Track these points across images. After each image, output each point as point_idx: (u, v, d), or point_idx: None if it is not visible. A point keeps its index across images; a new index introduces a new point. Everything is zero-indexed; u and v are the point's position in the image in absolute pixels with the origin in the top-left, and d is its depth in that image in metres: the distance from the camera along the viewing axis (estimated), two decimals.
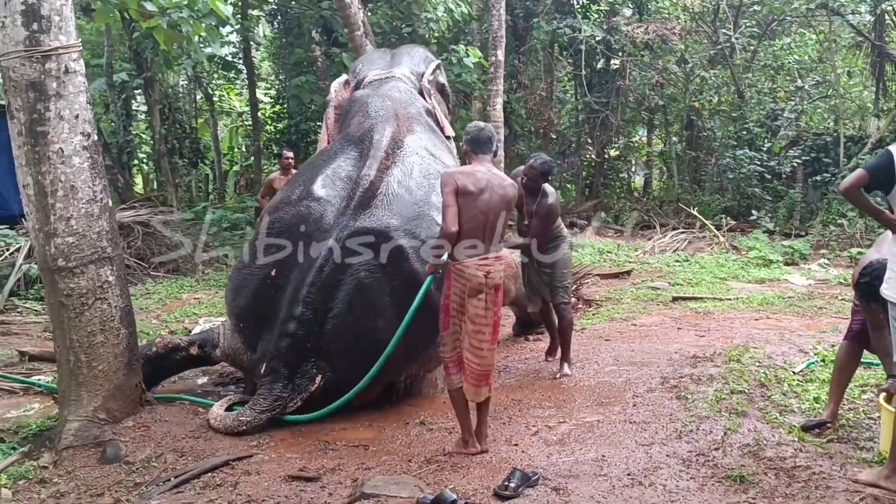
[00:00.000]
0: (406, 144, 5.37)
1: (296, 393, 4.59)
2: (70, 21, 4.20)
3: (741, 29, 14.79)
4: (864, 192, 3.42)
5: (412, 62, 6.46)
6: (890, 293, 3.40)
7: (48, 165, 4.18)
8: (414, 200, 4.98)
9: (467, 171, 3.96)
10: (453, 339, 4.02)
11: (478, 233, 3.91)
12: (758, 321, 6.91)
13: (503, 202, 3.94)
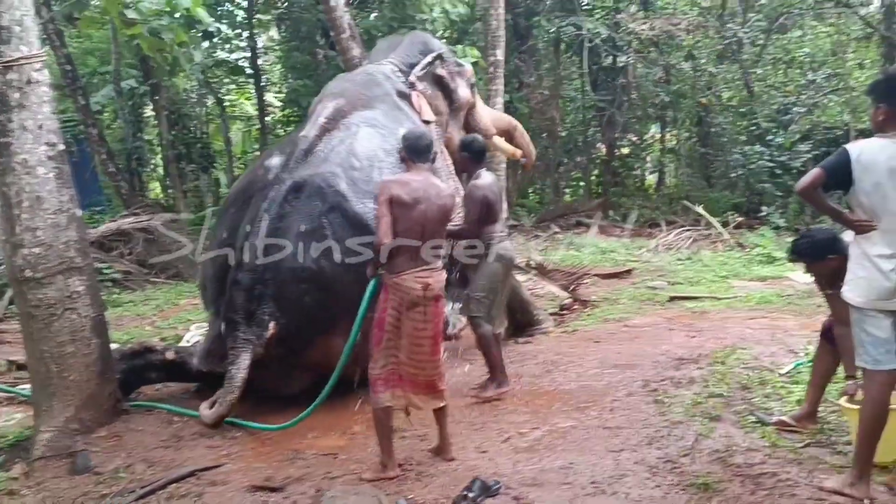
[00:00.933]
0: (355, 114, 5.52)
1: (256, 338, 4.60)
2: (32, 31, 4.20)
3: (749, 23, 14.60)
4: (823, 191, 3.32)
5: (405, 52, 6.51)
6: (851, 294, 3.31)
7: (12, 176, 4.19)
8: (355, 155, 5.16)
9: (403, 181, 3.87)
10: (385, 356, 3.85)
11: (414, 245, 3.81)
12: (753, 321, 6.78)
13: (441, 212, 3.85)
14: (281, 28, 16.32)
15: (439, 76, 6.48)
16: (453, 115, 6.70)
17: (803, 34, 15.42)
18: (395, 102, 5.96)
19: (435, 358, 3.91)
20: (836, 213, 3.37)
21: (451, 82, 6.60)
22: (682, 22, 14.43)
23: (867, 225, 3.23)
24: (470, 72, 7.02)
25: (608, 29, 13.92)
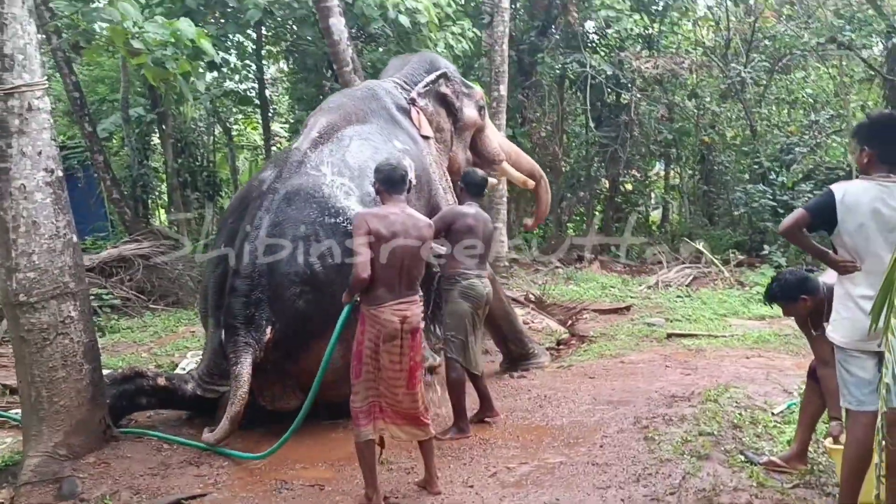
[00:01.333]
0: (348, 128, 5.72)
1: (256, 342, 4.72)
2: (34, 59, 4.27)
3: (753, 63, 14.73)
4: (808, 231, 3.34)
5: (411, 70, 6.76)
6: (835, 335, 3.31)
7: (10, 201, 4.24)
8: (346, 165, 5.37)
9: (381, 214, 3.90)
10: (366, 388, 3.85)
11: (392, 277, 3.82)
12: (749, 359, 6.76)
13: (418, 242, 3.88)
14: (289, 60, 16.51)
15: (443, 94, 6.63)
16: (458, 133, 6.85)
17: (806, 75, 15.55)
18: (392, 116, 6.15)
19: (413, 391, 3.89)
20: (821, 254, 3.38)
21: (456, 101, 6.75)
22: (685, 61, 14.55)
23: (851, 266, 3.25)
24: (479, 94, 7.17)
25: (612, 66, 14.04)
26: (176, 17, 7.95)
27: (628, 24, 13.02)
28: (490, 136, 7.22)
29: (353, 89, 6.71)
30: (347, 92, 6.59)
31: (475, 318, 5.11)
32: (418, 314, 3.90)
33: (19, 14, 4.17)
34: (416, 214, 4.03)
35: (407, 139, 6.07)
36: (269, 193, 5.09)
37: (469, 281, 5.07)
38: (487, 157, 7.13)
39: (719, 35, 16.15)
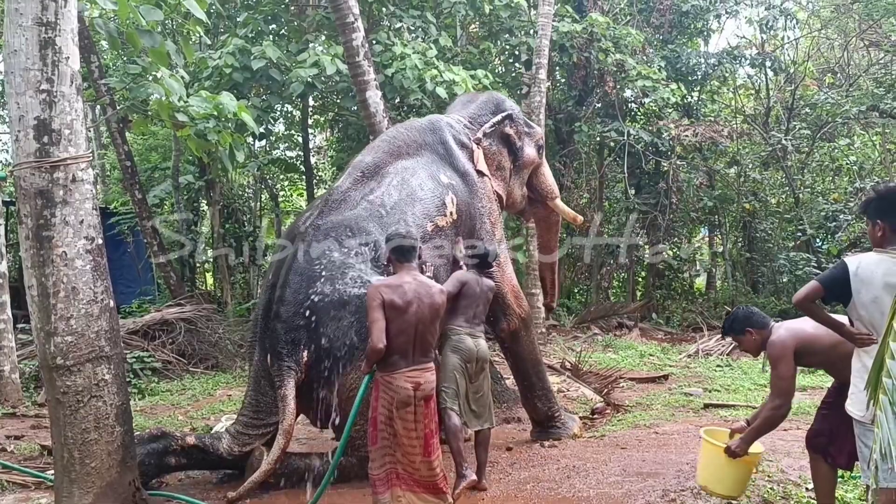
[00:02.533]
0: (394, 164, 6.05)
1: (297, 366, 5.00)
2: (80, 134, 4.51)
3: (794, 131, 14.71)
4: (824, 303, 3.33)
5: (477, 109, 7.09)
6: (853, 409, 3.25)
7: (52, 268, 4.42)
8: (382, 203, 5.68)
9: (394, 284, 3.96)
10: (382, 455, 3.88)
11: (407, 345, 3.87)
12: (786, 431, 6.58)
13: (432, 311, 3.93)
14: (333, 129, 17.00)
15: (507, 134, 6.98)
16: (516, 171, 7.19)
17: (850, 142, 15.45)
18: (448, 150, 6.45)
19: (429, 458, 3.90)
20: (837, 326, 3.36)
21: (518, 141, 7.09)
22: (725, 129, 14.59)
23: (867, 338, 3.21)
24: (539, 134, 7.52)
25: (650, 134, 14.14)
26: (223, 90, 8.33)
27: (665, 93, 13.14)
28: (546, 174, 7.55)
29: (416, 120, 7.10)
30: (408, 123, 6.96)
31: (466, 371, 5.38)
32: (432, 381, 3.93)
33: (67, 92, 4.41)
34: (428, 282, 4.10)
35: (454, 174, 6.31)
36: (310, 229, 5.47)
37: (458, 336, 5.41)
38: (543, 193, 7.47)
39: (760, 103, 16.22)
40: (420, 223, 5.69)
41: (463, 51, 12.85)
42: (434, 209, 5.92)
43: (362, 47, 8.73)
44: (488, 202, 6.61)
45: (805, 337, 3.98)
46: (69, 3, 4.42)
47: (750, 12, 16.02)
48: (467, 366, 5.38)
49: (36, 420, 7.55)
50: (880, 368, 2.18)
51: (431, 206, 5.91)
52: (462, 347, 5.38)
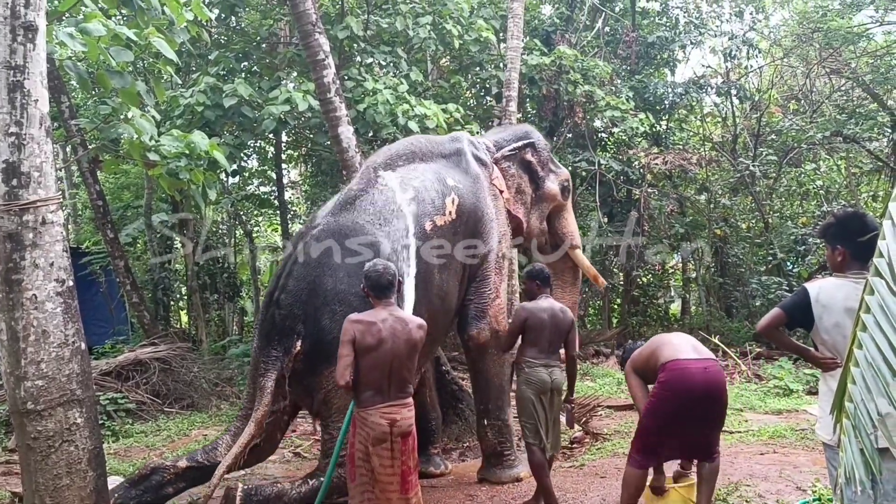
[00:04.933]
0: (403, 168, 6.15)
1: (285, 355, 5.10)
2: (49, 176, 4.49)
3: (761, 157, 14.98)
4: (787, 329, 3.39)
5: (503, 135, 7.35)
6: (823, 433, 3.30)
7: (21, 311, 4.37)
8: (386, 206, 5.73)
9: (368, 320, 3.96)
10: (361, 492, 3.85)
11: (381, 381, 3.86)
12: (763, 455, 6.64)
13: (409, 346, 3.92)
14: (307, 164, 17.03)
15: (527, 161, 7.11)
16: (536, 201, 7.24)
17: (816, 167, 15.74)
18: (465, 160, 6.53)
19: (406, 495, 3.86)
20: (801, 351, 3.42)
21: (540, 170, 7.20)
22: (694, 156, 14.81)
23: (832, 363, 3.27)
24: (565, 176, 7.56)
25: (621, 163, 14.32)
26: (194, 128, 8.33)
27: (634, 123, 13.34)
28: (569, 219, 7.58)
29: (430, 136, 7.47)
30: (421, 137, 7.26)
31: (542, 402, 5.46)
32: (409, 418, 3.90)
33: (37, 135, 4.41)
34: (406, 317, 4.09)
35: (463, 178, 6.36)
36: (320, 226, 5.65)
37: (532, 369, 5.48)
38: (563, 236, 7.50)
39: (727, 130, 16.51)
40: (419, 222, 5.75)
41: (434, 85, 12.97)
42: (433, 209, 5.95)
43: (334, 83, 8.80)
44: (497, 211, 6.60)
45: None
46: (38, 46, 4.43)
47: (714, 42, 16.36)
48: (542, 398, 5.46)
49: (6, 466, 7.40)
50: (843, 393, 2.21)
51: (430, 205, 5.95)
52: (534, 380, 5.46)
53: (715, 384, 4.42)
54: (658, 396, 4.56)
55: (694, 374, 4.42)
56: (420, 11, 11.60)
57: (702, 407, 4.38)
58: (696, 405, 4.38)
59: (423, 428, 6.39)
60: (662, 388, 4.52)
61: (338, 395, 4.99)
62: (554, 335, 5.55)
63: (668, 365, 4.53)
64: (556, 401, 5.58)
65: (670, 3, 16.10)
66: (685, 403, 4.41)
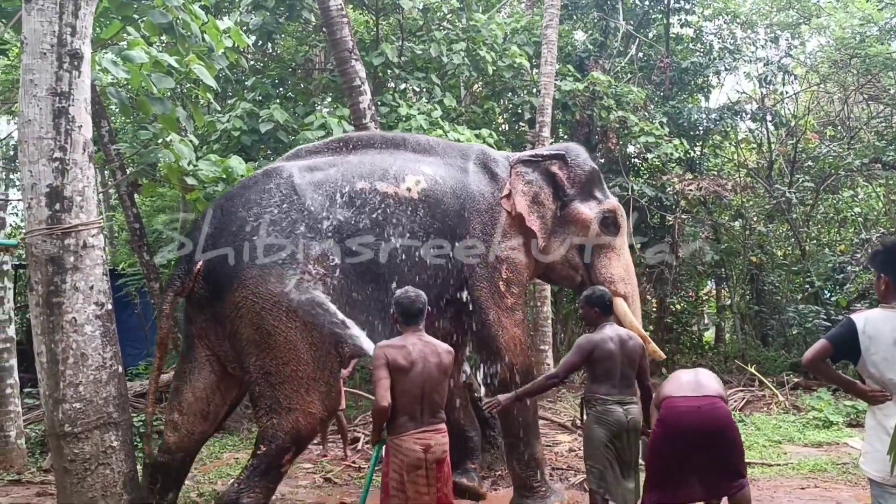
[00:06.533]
0: (392, 150, 5.94)
1: (186, 275, 5.23)
2: (91, 200, 4.57)
3: (797, 183, 14.80)
4: (832, 361, 3.30)
5: (538, 149, 7.23)
6: (869, 468, 3.20)
7: (61, 334, 4.44)
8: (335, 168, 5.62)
9: (398, 345, 3.95)
10: None
11: (414, 406, 3.83)
12: (804, 490, 6.49)
13: (440, 371, 3.89)
14: None
15: (552, 173, 6.36)
16: (560, 222, 6.40)
17: (854, 194, 15.51)
18: (464, 163, 6.16)
19: None
20: (847, 384, 3.33)
21: (568, 187, 6.41)
22: (729, 182, 14.67)
23: (881, 395, 3.18)
24: (610, 206, 6.53)
25: (654, 189, 14.23)
26: (231, 153, 8.44)
27: (668, 148, 13.26)
28: (614, 262, 6.45)
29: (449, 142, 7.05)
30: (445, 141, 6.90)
31: (614, 445, 4.75)
32: (444, 443, 3.86)
33: (80, 160, 4.49)
34: (434, 342, 4.06)
35: (455, 172, 6.03)
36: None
37: (605, 406, 4.76)
38: (598, 279, 6.31)
39: (762, 156, 16.34)
40: (353, 183, 5.51)
41: (467, 111, 13.03)
42: (380, 174, 5.63)
43: (369, 109, 8.87)
44: (496, 218, 6.05)
45: None
46: (83, 73, 4.52)
47: (749, 68, 16.26)
48: (615, 440, 4.74)
49: (41, 487, 7.44)
50: None
51: (380, 171, 5.65)
52: (608, 420, 4.73)
53: (709, 423, 4.31)
54: (655, 434, 4.53)
55: (682, 414, 4.36)
56: (454, 38, 11.70)
57: (698, 446, 4.28)
58: (691, 444, 4.30)
59: (460, 447, 6.36)
60: (658, 426, 4.51)
61: (244, 323, 5.00)
62: (626, 366, 4.85)
63: (664, 403, 4.51)
64: (635, 440, 4.84)
65: (704, 28, 16.05)
66: (678, 442, 4.35)
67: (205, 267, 5.14)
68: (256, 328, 5.03)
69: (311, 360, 5.08)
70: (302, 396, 5.06)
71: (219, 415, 5.61)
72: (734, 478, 4.43)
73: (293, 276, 5.06)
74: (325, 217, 5.29)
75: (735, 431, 4.44)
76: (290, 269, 5.07)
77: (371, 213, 5.45)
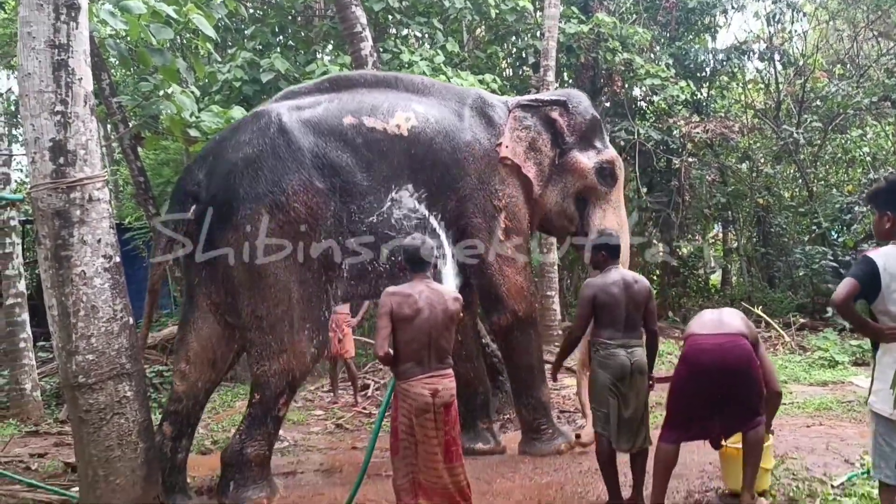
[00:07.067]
0: (378, 91, 5.79)
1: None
2: (95, 154, 4.55)
3: (805, 124, 14.65)
4: None
5: (539, 94, 7.04)
6: (881, 405, 3.22)
7: (71, 287, 4.46)
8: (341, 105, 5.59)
9: (405, 293, 3.95)
10: (405, 464, 3.86)
11: (421, 352, 3.86)
12: (809, 428, 6.55)
13: (446, 317, 3.90)
14: None
15: (552, 119, 6.24)
16: (556, 171, 6.30)
17: (863, 133, 15.35)
18: (460, 107, 6.02)
19: (451, 464, 3.86)
20: (864, 325, 3.31)
21: (567, 134, 6.29)
22: (735, 124, 14.53)
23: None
24: (609, 157, 6.46)
25: (661, 133, 14.10)
26: (233, 103, 8.38)
27: (674, 91, 13.10)
28: (609, 215, 6.40)
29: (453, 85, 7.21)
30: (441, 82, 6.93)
31: (618, 389, 4.72)
32: (451, 388, 3.90)
33: (82, 113, 4.45)
34: (442, 289, 4.07)
35: (450, 114, 5.89)
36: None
37: (608, 351, 4.71)
38: (592, 231, 6.28)
39: (770, 97, 16.15)
40: (340, 119, 5.45)
41: (470, 56, 12.86)
42: (368, 110, 5.53)
43: (371, 56, 8.77)
44: (493, 165, 5.95)
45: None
46: (80, 24, 4.46)
47: (757, 6, 15.97)
48: (619, 384, 4.70)
49: (58, 437, 7.61)
50: None
51: (368, 107, 5.55)
52: (611, 364, 4.68)
53: (728, 359, 4.33)
54: (676, 371, 4.60)
55: (704, 350, 4.39)
56: None
57: (717, 382, 4.31)
58: (710, 380, 4.33)
59: (469, 403, 6.37)
60: (680, 362, 4.58)
61: (235, 265, 5.08)
62: (631, 310, 4.76)
63: (687, 340, 4.59)
64: (640, 383, 4.80)
65: None
66: (698, 378, 4.39)
67: (198, 211, 5.19)
68: (248, 270, 5.10)
69: (301, 300, 5.18)
70: (293, 337, 5.18)
71: (225, 362, 5.68)
72: (751, 416, 4.48)
73: (281, 215, 5.10)
74: (313, 155, 5.27)
75: (756, 370, 4.43)
76: (278, 208, 5.11)
77: (359, 149, 5.42)
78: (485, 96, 6.32)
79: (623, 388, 4.72)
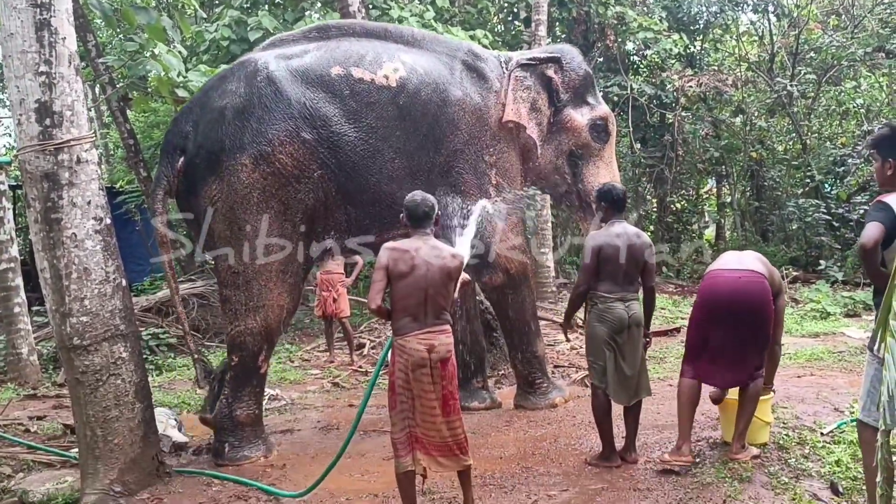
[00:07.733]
0: (372, 41, 5.71)
1: (171, 171, 5.31)
2: (82, 115, 4.50)
3: (799, 76, 14.55)
4: None
5: (534, 51, 6.95)
6: None
7: (62, 249, 4.45)
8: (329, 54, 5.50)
9: (402, 248, 3.94)
10: (402, 419, 3.88)
11: (417, 308, 3.85)
12: (800, 378, 6.63)
13: (443, 273, 3.89)
14: None
15: (548, 77, 6.20)
16: (552, 129, 6.30)
17: (857, 85, 15.27)
18: (451, 61, 5.91)
19: (449, 418, 3.88)
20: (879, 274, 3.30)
21: (562, 92, 6.27)
22: (729, 77, 14.44)
23: None
24: (602, 113, 6.43)
25: (654, 87, 14.01)
26: (221, 63, 8.28)
27: (667, 44, 12.99)
28: (602, 171, 6.37)
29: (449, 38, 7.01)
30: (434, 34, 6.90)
31: (615, 342, 4.74)
32: (448, 344, 3.92)
33: (66, 73, 4.40)
34: (441, 246, 4.05)
35: (440, 66, 5.79)
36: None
37: (606, 304, 4.72)
38: (585, 187, 6.36)
39: (763, 49, 16.02)
40: (327, 69, 5.36)
41: (461, 11, 12.72)
42: (356, 60, 5.45)
43: (359, 12, 8.66)
44: (484, 119, 5.89)
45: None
46: None
47: None
48: (616, 337, 4.71)
49: (57, 400, 7.65)
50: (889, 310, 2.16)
51: (356, 57, 5.46)
52: (609, 317, 4.69)
53: (743, 292, 4.36)
54: (695, 304, 4.71)
55: (722, 282, 4.47)
56: None
57: (733, 315, 4.35)
58: (723, 311, 4.40)
59: (463, 362, 6.35)
60: (698, 295, 4.68)
61: (217, 218, 5.11)
62: (630, 264, 4.73)
63: (706, 274, 4.67)
64: (637, 337, 4.80)
65: None
66: (712, 309, 4.47)
67: (185, 162, 5.17)
68: (228, 223, 5.13)
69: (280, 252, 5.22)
70: (271, 290, 5.22)
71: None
72: (754, 366, 4.52)
73: (266, 166, 5.08)
74: (300, 105, 5.21)
75: (769, 311, 4.42)
76: (263, 158, 5.08)
77: (346, 100, 5.35)
78: (476, 49, 6.24)
79: (620, 342, 4.74)
